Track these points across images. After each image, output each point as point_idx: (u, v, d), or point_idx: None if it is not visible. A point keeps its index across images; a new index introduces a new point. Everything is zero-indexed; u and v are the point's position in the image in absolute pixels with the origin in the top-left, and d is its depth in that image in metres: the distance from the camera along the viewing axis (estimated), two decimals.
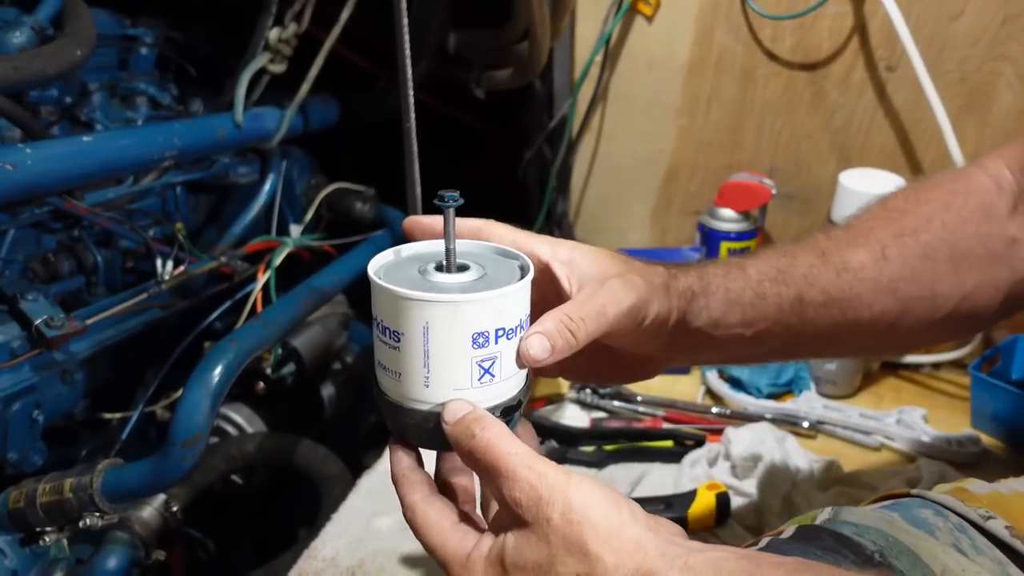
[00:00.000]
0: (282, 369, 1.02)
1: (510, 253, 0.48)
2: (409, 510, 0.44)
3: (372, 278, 0.44)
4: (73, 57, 0.78)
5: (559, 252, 0.49)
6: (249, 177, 1.11)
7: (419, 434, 0.45)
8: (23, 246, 0.83)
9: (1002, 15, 0.92)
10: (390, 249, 0.48)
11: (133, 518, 0.79)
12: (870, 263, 0.55)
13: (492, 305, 0.42)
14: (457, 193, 0.44)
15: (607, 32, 1.10)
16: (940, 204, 0.57)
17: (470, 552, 0.42)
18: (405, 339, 0.42)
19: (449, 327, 0.41)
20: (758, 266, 0.55)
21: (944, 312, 0.57)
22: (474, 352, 0.42)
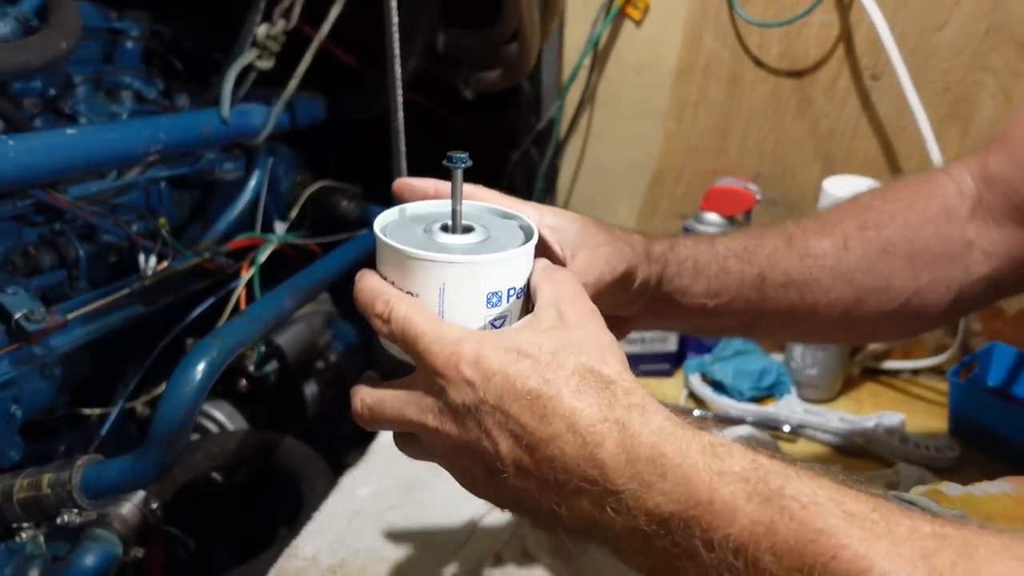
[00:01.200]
0: (265, 367, 1.02)
1: (508, 214, 0.49)
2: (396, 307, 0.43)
3: (381, 238, 0.44)
4: (58, 49, 0.77)
5: (546, 218, 0.52)
6: (234, 173, 1.10)
7: None
8: (3, 239, 0.82)
9: (985, 26, 0.93)
10: (394, 208, 0.49)
11: (112, 515, 0.78)
12: (831, 251, 0.59)
13: (506, 266, 0.43)
14: (466, 155, 0.45)
15: (596, 35, 1.10)
16: (905, 203, 0.60)
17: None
18: (420, 299, 0.43)
19: (465, 287, 0.42)
20: (726, 243, 0.59)
21: (896, 305, 0.60)
22: (488, 311, 0.44)
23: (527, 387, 0.39)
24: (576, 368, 0.40)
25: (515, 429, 0.39)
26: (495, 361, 0.40)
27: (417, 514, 0.82)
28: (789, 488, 0.34)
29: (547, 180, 1.20)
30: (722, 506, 0.35)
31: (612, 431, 0.38)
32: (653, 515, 0.36)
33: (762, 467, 0.36)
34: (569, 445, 0.38)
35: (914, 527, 0.33)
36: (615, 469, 0.37)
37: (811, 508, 0.33)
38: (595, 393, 0.39)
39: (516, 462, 0.40)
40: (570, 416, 0.38)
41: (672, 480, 0.36)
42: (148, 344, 0.95)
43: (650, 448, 0.37)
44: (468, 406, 0.40)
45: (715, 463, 0.36)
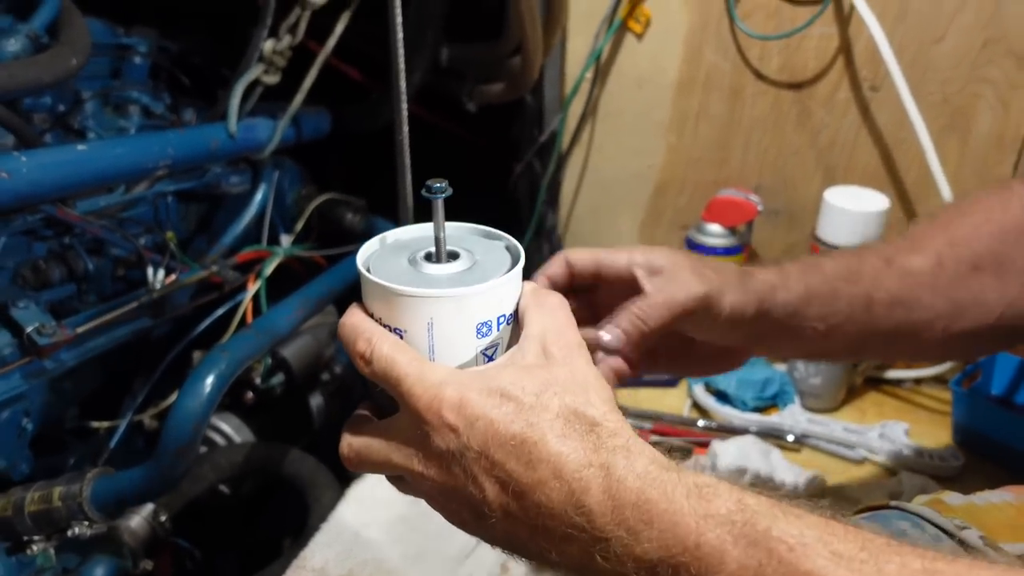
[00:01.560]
0: (271, 379, 1.02)
1: (493, 234, 0.48)
2: (377, 346, 0.42)
3: (365, 275, 0.43)
4: (68, 65, 0.78)
5: (635, 257, 0.54)
6: (241, 187, 1.11)
7: None
8: (14, 253, 0.83)
9: (983, 38, 0.94)
10: (375, 237, 0.48)
11: (121, 527, 0.79)
12: (928, 269, 0.60)
13: (493, 294, 0.42)
14: (445, 183, 0.43)
15: (598, 49, 1.11)
16: (983, 216, 0.61)
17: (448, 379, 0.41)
18: (408, 336, 0.42)
19: (454, 320, 0.42)
20: (831, 265, 0.60)
21: (992, 319, 0.61)
22: (479, 341, 0.43)
23: (511, 432, 0.38)
24: (560, 410, 0.39)
25: (501, 475, 0.38)
26: (477, 406, 0.39)
27: (424, 525, 0.82)
28: (776, 529, 0.34)
29: (550, 192, 1.21)
30: (709, 550, 0.34)
31: (597, 476, 0.37)
32: (641, 561, 0.36)
33: (748, 508, 0.35)
34: (555, 492, 0.37)
35: (903, 564, 0.33)
36: (602, 515, 0.36)
37: (798, 550, 0.33)
38: (580, 437, 0.38)
39: (503, 507, 0.39)
40: (555, 462, 0.37)
41: (658, 526, 0.35)
42: (156, 357, 0.96)
43: (636, 493, 0.36)
44: (452, 452, 0.39)
45: (701, 506, 0.36)
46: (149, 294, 0.91)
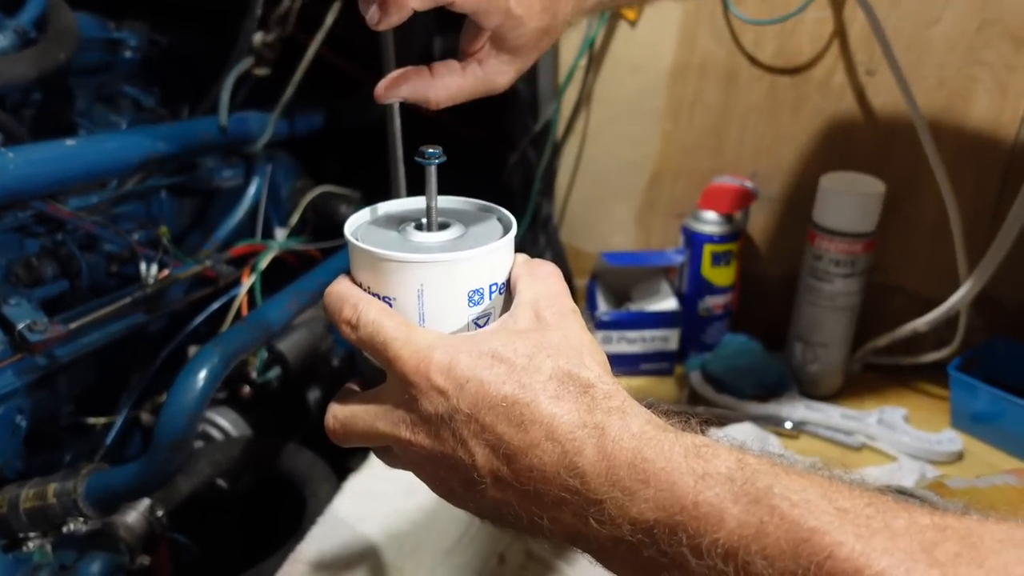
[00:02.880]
0: (268, 373, 1.02)
1: (485, 207, 0.47)
2: (364, 311, 0.41)
3: (352, 242, 0.42)
4: (56, 60, 0.78)
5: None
6: (234, 180, 1.10)
7: None
8: (5, 250, 0.83)
9: (978, 21, 0.93)
10: (365, 209, 0.47)
11: (118, 523, 0.79)
12: None
13: (486, 261, 0.41)
14: (439, 149, 0.43)
15: (591, 36, 1.11)
16: None
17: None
18: (398, 304, 0.41)
19: (445, 287, 0.41)
20: None
21: None
22: (470, 310, 0.42)
23: (502, 393, 0.37)
24: (553, 372, 0.38)
25: (491, 439, 0.38)
26: (467, 367, 0.38)
27: (420, 517, 0.82)
28: (778, 487, 0.33)
29: (545, 182, 1.20)
30: (708, 509, 0.33)
31: (591, 437, 0.36)
32: (637, 523, 0.35)
33: (749, 467, 0.34)
34: (548, 454, 0.36)
35: (912, 519, 0.31)
36: (596, 477, 0.35)
37: (802, 506, 0.32)
38: (573, 398, 0.37)
39: (493, 472, 0.38)
40: (548, 423, 0.37)
41: (655, 485, 0.34)
42: (151, 352, 0.96)
43: (631, 453, 0.35)
44: (441, 416, 0.38)
45: (699, 465, 0.34)
46: (142, 289, 0.90)
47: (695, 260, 1.09)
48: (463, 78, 0.53)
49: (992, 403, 0.91)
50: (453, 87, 0.53)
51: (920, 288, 1.07)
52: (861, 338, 1.05)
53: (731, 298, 1.12)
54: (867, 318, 1.04)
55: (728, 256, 1.08)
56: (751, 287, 1.17)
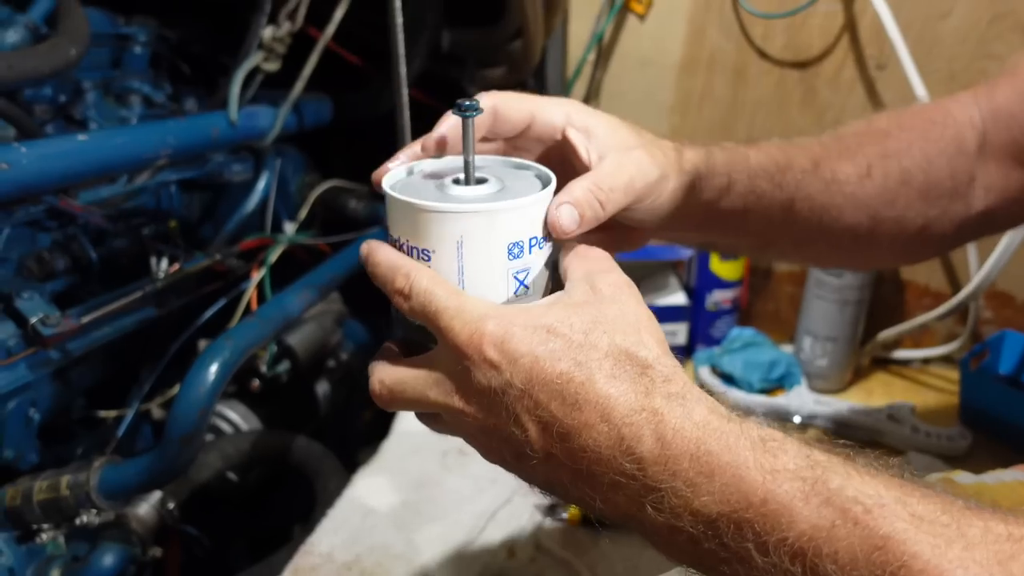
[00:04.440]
0: (277, 366, 1.02)
1: (524, 165, 0.47)
2: (416, 278, 0.41)
3: (391, 195, 0.41)
4: (67, 56, 0.78)
5: (574, 118, 0.48)
6: (243, 175, 1.11)
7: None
8: (18, 244, 0.83)
9: (990, 14, 0.93)
10: (402, 167, 0.47)
11: (130, 515, 0.79)
12: (855, 178, 0.58)
13: (526, 212, 0.41)
14: (478, 101, 0.42)
15: (600, 30, 1.10)
16: (920, 131, 0.59)
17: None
18: (437, 256, 0.40)
19: (485, 239, 0.40)
20: (758, 158, 0.56)
21: (906, 235, 0.60)
22: (510, 263, 0.41)
23: (557, 370, 0.36)
24: (610, 350, 0.37)
25: (544, 416, 0.36)
26: (522, 342, 0.37)
27: (430, 510, 0.83)
28: (850, 488, 0.32)
29: None
30: (777, 507, 0.32)
31: (649, 423, 0.35)
32: (699, 515, 0.34)
33: (819, 464, 0.33)
34: (603, 436, 0.35)
35: (987, 529, 0.30)
36: (655, 465, 0.34)
37: (876, 511, 0.31)
38: (631, 379, 0.36)
39: (546, 449, 0.37)
40: (604, 404, 0.35)
41: (720, 479, 0.33)
42: (161, 346, 0.96)
43: (694, 444, 0.34)
44: (494, 389, 0.37)
45: (767, 460, 0.33)
46: (153, 283, 0.91)
47: (703, 254, 1.09)
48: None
49: (1002, 398, 0.91)
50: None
51: (929, 282, 1.07)
52: (870, 332, 1.04)
53: (739, 292, 1.12)
54: (876, 312, 1.03)
55: None
56: (759, 281, 1.16)
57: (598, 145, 0.47)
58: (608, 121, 0.48)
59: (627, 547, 0.77)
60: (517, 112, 0.48)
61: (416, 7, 1.02)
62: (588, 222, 0.43)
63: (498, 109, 0.48)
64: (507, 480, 0.86)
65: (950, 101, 0.61)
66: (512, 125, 0.48)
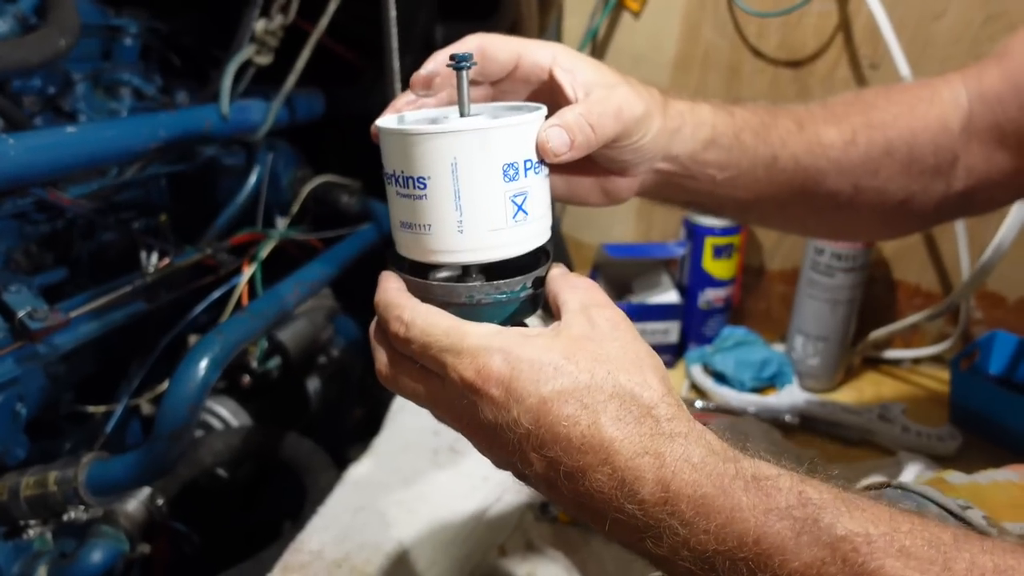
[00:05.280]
0: (268, 362, 1.02)
1: (517, 105, 0.47)
2: (409, 311, 0.41)
3: (383, 127, 0.42)
4: (56, 47, 0.77)
5: (561, 59, 0.48)
6: (234, 169, 1.10)
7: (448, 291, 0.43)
8: (5, 237, 0.82)
9: (983, 15, 0.93)
10: (392, 116, 0.47)
11: (118, 511, 0.79)
12: (840, 143, 0.58)
13: (519, 132, 0.41)
14: (472, 54, 0.43)
15: (594, 27, 1.10)
16: (907, 106, 0.60)
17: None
18: (432, 183, 0.40)
19: (479, 159, 0.40)
20: (743, 115, 0.56)
21: (886, 207, 0.60)
22: (506, 186, 0.41)
23: (564, 412, 0.37)
24: (615, 391, 0.37)
25: (550, 455, 0.37)
26: (529, 381, 0.37)
27: (421, 507, 0.82)
28: (839, 527, 0.33)
29: None
30: (769, 547, 0.33)
31: (652, 466, 0.36)
32: (696, 552, 0.35)
33: (811, 502, 0.34)
34: (607, 478, 0.36)
35: (973, 563, 0.31)
36: (655, 506, 0.35)
37: (864, 548, 0.32)
38: (635, 421, 0.37)
39: (550, 483, 0.38)
40: (608, 448, 0.36)
41: (716, 520, 0.34)
42: (151, 341, 0.95)
43: (691, 487, 0.35)
44: (501, 425, 0.38)
45: (760, 500, 0.34)
46: (143, 278, 0.90)
47: (696, 253, 1.08)
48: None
49: (992, 398, 0.91)
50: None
51: (921, 282, 1.07)
52: (861, 332, 1.05)
53: (732, 291, 1.12)
54: (867, 312, 1.04)
55: (729, 249, 1.08)
56: (752, 280, 1.17)
57: (584, 83, 0.47)
58: (595, 63, 0.49)
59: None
60: (504, 52, 0.48)
61: (409, 1, 1.02)
62: (579, 147, 0.44)
63: (485, 49, 0.48)
64: (499, 478, 0.86)
65: (939, 80, 0.61)
66: (500, 66, 0.49)
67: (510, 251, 0.42)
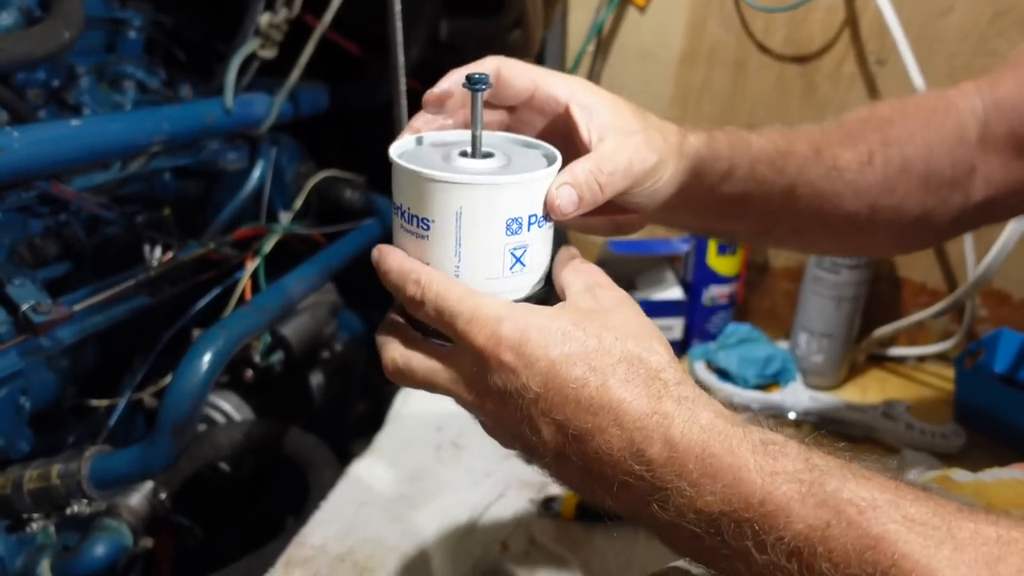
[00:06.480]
0: (271, 357, 1.02)
1: (531, 143, 0.47)
2: (426, 281, 0.41)
3: (396, 161, 0.42)
4: (61, 39, 0.77)
5: (578, 95, 0.47)
6: (238, 163, 1.10)
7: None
8: (9, 230, 0.82)
9: (991, 11, 0.92)
10: (410, 137, 0.47)
11: (121, 505, 0.79)
12: (856, 165, 0.57)
13: (527, 189, 0.41)
14: (487, 75, 0.42)
15: (599, 22, 1.10)
16: (923, 120, 0.59)
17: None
18: (435, 226, 0.41)
19: (484, 212, 0.40)
20: (760, 144, 0.55)
21: (903, 223, 0.60)
22: (507, 239, 0.41)
23: (572, 375, 0.37)
24: (623, 355, 0.38)
25: (559, 418, 0.37)
26: (538, 345, 0.38)
27: (424, 503, 0.82)
28: (845, 491, 0.33)
29: None
30: (775, 508, 0.33)
31: (660, 426, 0.36)
32: (702, 514, 0.35)
33: (816, 467, 0.34)
34: (616, 439, 0.36)
35: (977, 531, 0.31)
36: (662, 466, 0.36)
37: (869, 512, 0.32)
38: (643, 383, 0.37)
39: (558, 449, 0.38)
40: (617, 408, 0.37)
41: (722, 480, 0.34)
42: (154, 335, 0.95)
43: (700, 446, 0.35)
44: (511, 391, 0.38)
45: (767, 463, 0.34)
46: (146, 272, 0.90)
47: (700, 249, 1.08)
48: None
49: (997, 396, 0.91)
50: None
51: (926, 279, 1.07)
52: (865, 329, 1.04)
53: (736, 288, 1.12)
54: (872, 309, 1.03)
55: (733, 245, 1.07)
56: (756, 277, 1.16)
57: (599, 125, 0.47)
58: (612, 101, 0.48)
59: (621, 542, 0.77)
60: (520, 80, 0.48)
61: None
62: (586, 204, 0.43)
63: (502, 73, 0.47)
64: (501, 474, 0.86)
65: (953, 91, 0.61)
66: (515, 92, 0.48)
67: (504, 298, 0.43)
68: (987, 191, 0.59)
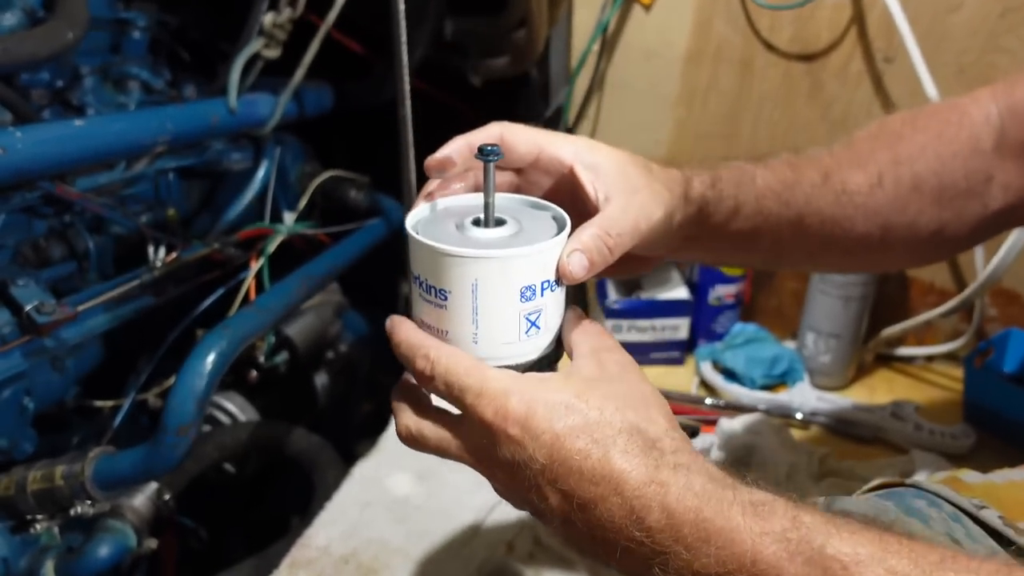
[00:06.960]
0: (275, 357, 1.02)
1: (541, 204, 0.48)
2: (434, 356, 0.43)
3: (412, 235, 0.43)
4: (65, 39, 0.77)
5: (582, 155, 0.48)
6: (242, 163, 1.10)
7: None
8: (13, 231, 0.82)
9: (1001, 7, 0.92)
10: (425, 204, 0.49)
11: (125, 506, 0.79)
12: (866, 188, 0.57)
13: (539, 258, 0.43)
14: (499, 147, 0.44)
15: (604, 20, 1.09)
16: (934, 133, 0.59)
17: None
18: (453, 297, 0.43)
19: (498, 283, 0.42)
20: (766, 178, 0.56)
21: (918, 240, 0.60)
22: (522, 306, 0.43)
23: (576, 447, 0.39)
24: (623, 426, 0.40)
25: (564, 488, 0.40)
26: (544, 419, 0.40)
27: (428, 504, 0.82)
28: (830, 547, 0.35)
29: None
30: (766, 567, 0.35)
31: (657, 495, 0.38)
32: (700, 575, 0.37)
33: (803, 525, 0.36)
34: (617, 507, 0.38)
35: None
36: (661, 532, 0.38)
37: (852, 568, 0.34)
38: (641, 453, 0.39)
39: (565, 515, 0.40)
40: (618, 478, 0.38)
41: (715, 543, 0.36)
42: (159, 335, 0.95)
43: (694, 512, 0.37)
44: (518, 463, 0.40)
45: (756, 524, 0.36)
46: (151, 272, 0.90)
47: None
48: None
49: (1006, 396, 0.90)
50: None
51: (934, 279, 1.06)
52: (873, 329, 1.04)
53: (742, 287, 1.11)
54: (880, 309, 1.03)
55: None
56: (762, 277, 1.16)
57: (605, 184, 0.48)
58: (616, 159, 0.49)
59: None
60: (524, 144, 0.49)
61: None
62: (597, 267, 0.45)
63: (504, 138, 0.48)
64: None
65: (966, 99, 0.60)
66: (519, 155, 0.49)
67: (521, 360, 0.45)
68: (1005, 198, 0.59)
